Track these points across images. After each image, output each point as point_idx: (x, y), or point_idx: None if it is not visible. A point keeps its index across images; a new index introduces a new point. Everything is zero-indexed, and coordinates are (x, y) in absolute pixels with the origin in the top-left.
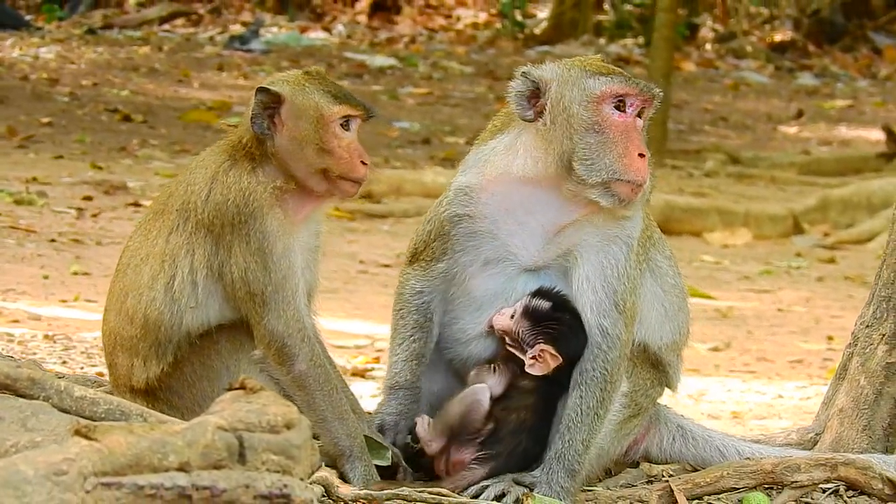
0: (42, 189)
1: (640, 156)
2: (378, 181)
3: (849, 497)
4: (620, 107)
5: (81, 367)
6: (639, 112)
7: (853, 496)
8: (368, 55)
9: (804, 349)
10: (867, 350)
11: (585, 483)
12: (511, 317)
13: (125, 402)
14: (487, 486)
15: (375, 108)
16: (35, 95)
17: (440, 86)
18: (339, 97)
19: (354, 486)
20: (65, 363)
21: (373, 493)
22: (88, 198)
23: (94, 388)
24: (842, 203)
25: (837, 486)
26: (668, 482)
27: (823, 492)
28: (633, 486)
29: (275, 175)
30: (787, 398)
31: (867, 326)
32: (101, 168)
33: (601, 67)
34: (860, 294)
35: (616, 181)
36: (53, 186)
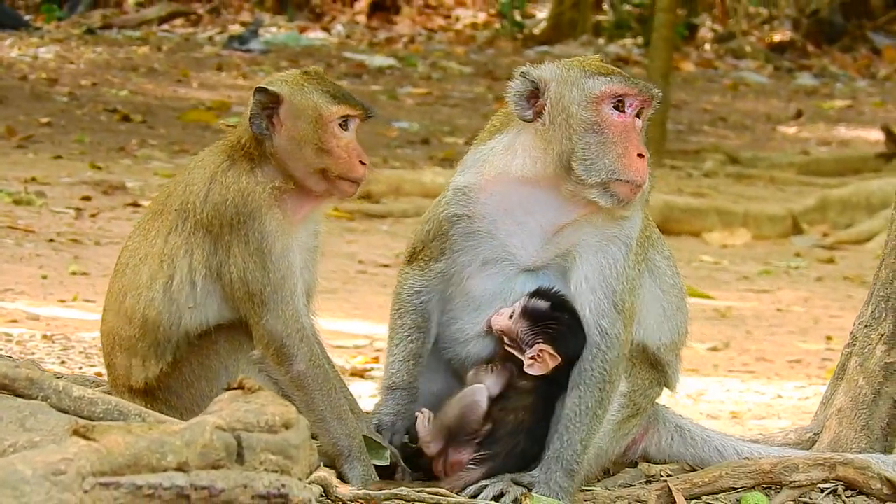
0: (41, 189)
1: (639, 156)
2: (377, 181)
3: (847, 497)
4: (619, 107)
5: (80, 367)
6: (638, 112)
7: (851, 496)
8: (367, 55)
9: (803, 349)
10: (866, 350)
11: (584, 483)
12: (510, 317)
13: (123, 402)
14: (486, 486)
15: (374, 108)
16: (34, 95)
17: (439, 86)
18: (338, 97)
19: (353, 486)
20: (63, 363)
21: (371, 493)
22: (87, 198)
23: (93, 388)
24: (841, 203)
25: (836, 486)
26: (667, 482)
27: (822, 492)
28: (632, 486)
29: (273, 175)
30: (786, 398)
31: (866, 326)
32: (100, 168)
33: (600, 67)
34: (859, 294)
35: (615, 181)
36: (52, 186)
